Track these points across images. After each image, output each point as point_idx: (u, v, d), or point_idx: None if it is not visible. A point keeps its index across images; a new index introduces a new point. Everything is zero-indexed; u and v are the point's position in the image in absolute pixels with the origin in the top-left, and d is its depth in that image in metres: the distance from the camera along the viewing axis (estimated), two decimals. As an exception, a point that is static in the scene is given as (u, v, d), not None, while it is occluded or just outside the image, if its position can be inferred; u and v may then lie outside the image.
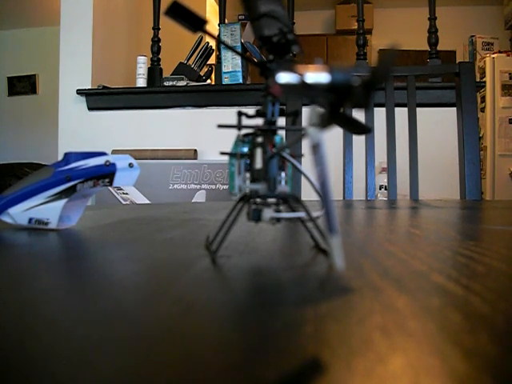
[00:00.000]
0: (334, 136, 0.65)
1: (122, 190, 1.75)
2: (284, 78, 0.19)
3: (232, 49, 0.23)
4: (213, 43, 2.23)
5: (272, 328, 0.13)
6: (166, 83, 1.98)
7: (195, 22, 0.20)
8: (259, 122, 0.23)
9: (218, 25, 1.97)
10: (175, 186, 1.81)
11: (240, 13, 2.42)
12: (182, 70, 2.08)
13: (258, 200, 0.23)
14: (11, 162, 3.57)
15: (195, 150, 1.89)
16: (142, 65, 2.04)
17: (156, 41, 2.06)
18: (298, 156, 0.27)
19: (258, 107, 0.23)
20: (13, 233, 0.36)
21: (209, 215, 0.55)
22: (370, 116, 1.09)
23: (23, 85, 4.43)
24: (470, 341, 0.11)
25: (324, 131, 0.18)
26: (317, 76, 0.18)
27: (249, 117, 0.23)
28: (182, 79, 1.97)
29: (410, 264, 0.22)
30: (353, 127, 0.19)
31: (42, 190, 0.37)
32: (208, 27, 0.21)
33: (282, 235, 0.35)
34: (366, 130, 0.19)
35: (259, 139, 0.23)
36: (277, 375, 0.10)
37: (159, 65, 2.09)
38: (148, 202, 1.72)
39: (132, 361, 0.10)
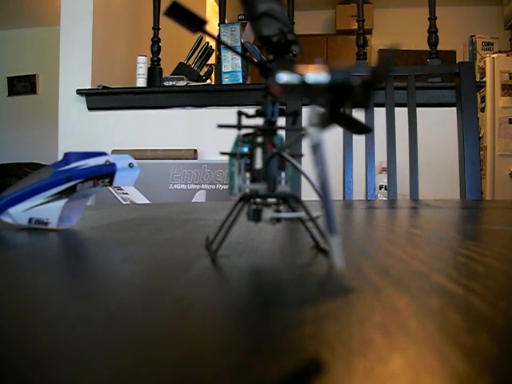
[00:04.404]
0: (334, 136, 0.65)
1: (122, 189, 1.75)
2: (284, 77, 0.19)
3: (232, 49, 0.23)
4: (213, 43, 2.23)
5: (272, 328, 0.13)
6: (166, 83, 1.98)
7: (195, 23, 0.20)
8: (259, 121, 0.23)
9: (218, 25, 1.97)
10: (175, 186, 1.81)
11: (240, 13, 2.42)
12: (182, 69, 2.08)
13: (258, 200, 0.23)
14: (11, 162, 3.57)
15: (195, 150, 1.89)
16: (142, 65, 2.04)
17: (156, 41, 2.06)
18: (298, 156, 0.27)
19: (258, 107, 0.23)
20: (13, 233, 0.36)
21: (209, 215, 0.55)
22: (370, 116, 1.09)
23: (23, 85, 4.43)
24: (470, 341, 0.11)
25: (324, 131, 0.18)
26: (317, 76, 0.18)
27: (249, 116, 0.23)
28: (182, 79, 1.97)
29: (409, 264, 0.22)
30: (353, 127, 0.19)
31: (42, 190, 0.37)
32: (208, 27, 0.21)
33: (281, 235, 0.35)
34: (366, 129, 0.19)
35: (259, 139, 0.23)
36: (277, 375, 0.10)
37: (159, 65, 2.09)
38: (148, 201, 1.72)
39: (132, 361, 0.10)
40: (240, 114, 0.23)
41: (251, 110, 0.23)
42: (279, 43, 0.21)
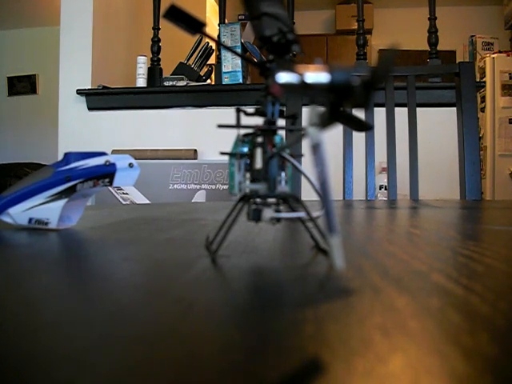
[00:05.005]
0: (334, 136, 0.65)
1: (122, 189, 1.75)
2: (284, 77, 0.19)
3: (231, 50, 0.23)
4: (213, 43, 2.23)
5: (272, 328, 0.13)
6: (166, 83, 1.98)
7: (193, 25, 0.20)
8: (259, 121, 0.23)
9: (218, 25, 1.97)
10: (175, 186, 1.81)
11: (240, 13, 2.42)
12: (182, 69, 2.08)
13: (258, 200, 0.23)
14: (11, 162, 3.57)
15: (195, 150, 1.89)
16: (142, 65, 2.03)
17: (156, 41, 2.06)
18: (298, 156, 0.26)
19: (258, 107, 0.23)
20: (13, 233, 0.36)
21: (209, 215, 0.55)
22: (369, 116, 1.09)
23: (23, 85, 4.43)
24: (470, 341, 0.11)
25: (324, 131, 0.18)
26: (317, 76, 0.18)
27: (247, 114, 0.23)
28: (182, 79, 1.97)
29: (409, 264, 0.22)
30: (354, 124, 0.19)
31: (42, 190, 0.37)
32: (208, 27, 0.21)
33: (282, 235, 0.35)
34: (366, 126, 0.19)
35: (259, 139, 0.23)
36: (277, 375, 0.10)
37: (159, 65, 2.09)
38: (148, 201, 1.72)
39: (132, 361, 0.10)
40: (239, 110, 0.23)
41: (251, 110, 0.23)
42: (279, 43, 0.21)
